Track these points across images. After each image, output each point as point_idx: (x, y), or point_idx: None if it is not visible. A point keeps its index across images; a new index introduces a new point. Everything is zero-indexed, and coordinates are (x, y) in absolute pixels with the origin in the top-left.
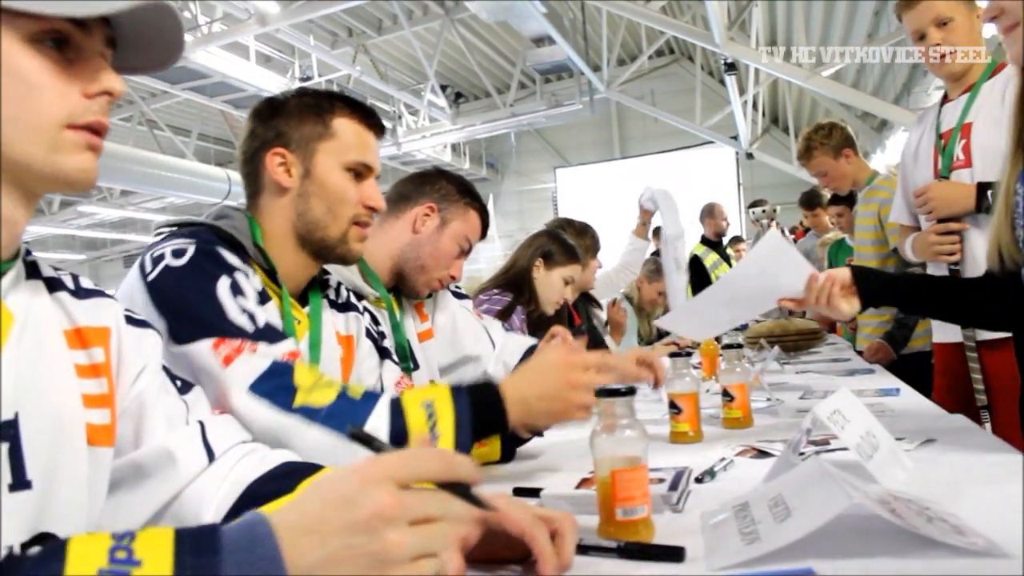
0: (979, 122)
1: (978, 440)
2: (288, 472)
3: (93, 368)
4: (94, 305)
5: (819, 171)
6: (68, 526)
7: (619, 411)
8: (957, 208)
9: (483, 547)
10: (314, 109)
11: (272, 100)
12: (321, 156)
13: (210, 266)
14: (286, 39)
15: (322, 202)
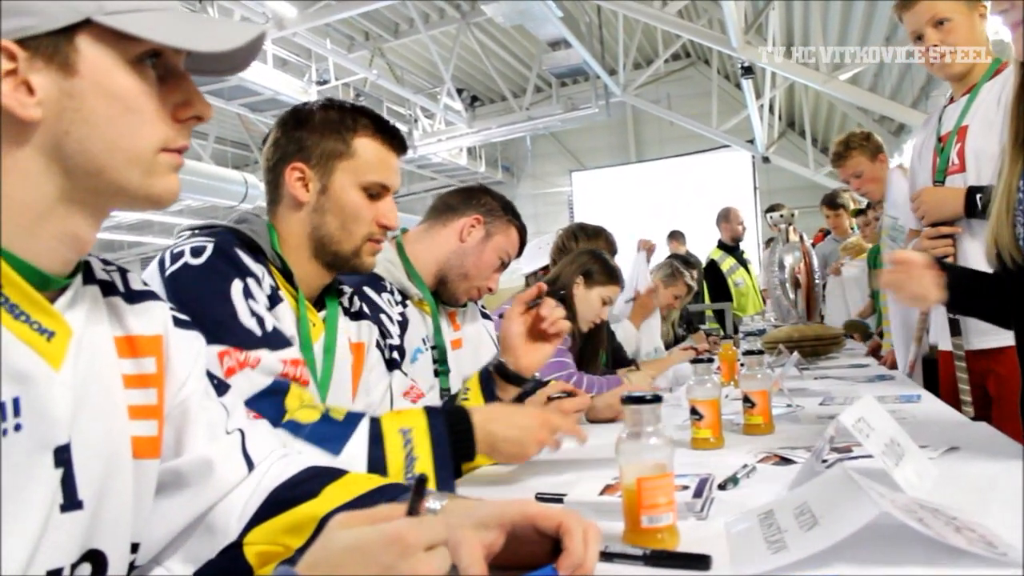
0: (974, 125)
1: (1003, 448)
2: (311, 477)
3: (142, 378)
4: (145, 310)
5: (854, 172)
6: (115, 540)
7: (645, 418)
8: (947, 213)
9: (507, 553)
10: (337, 126)
11: (297, 112)
12: (339, 174)
13: (226, 267)
14: (303, 43)
15: (336, 219)
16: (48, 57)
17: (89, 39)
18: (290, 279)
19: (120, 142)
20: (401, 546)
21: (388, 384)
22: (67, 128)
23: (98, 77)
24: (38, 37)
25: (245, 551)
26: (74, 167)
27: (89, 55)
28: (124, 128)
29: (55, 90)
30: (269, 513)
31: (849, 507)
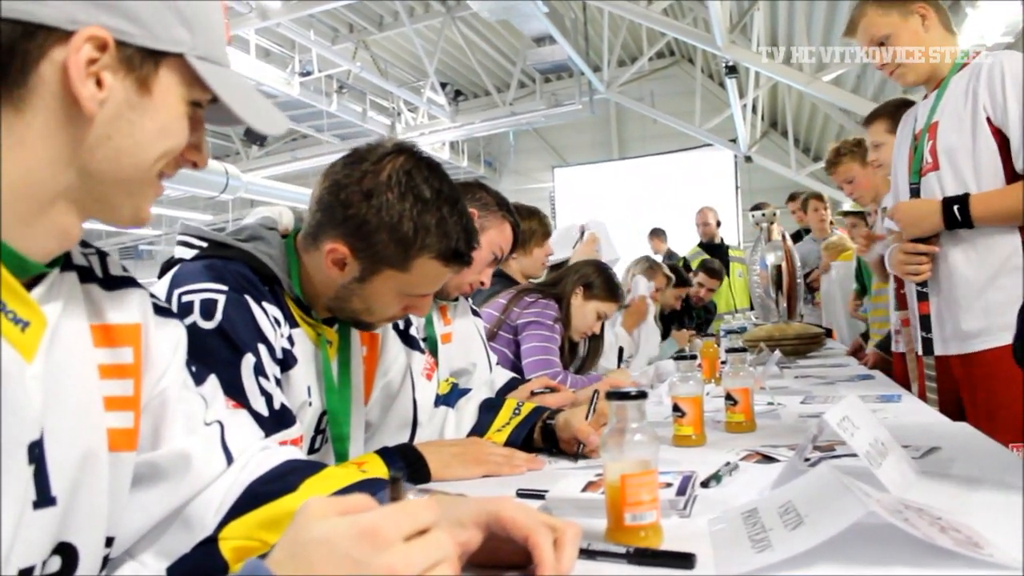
0: (944, 120)
1: (984, 448)
2: (290, 471)
3: (119, 369)
4: (123, 297)
5: (845, 178)
6: (88, 534)
7: (630, 415)
8: (925, 228)
9: (487, 551)
10: (405, 240)
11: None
12: (383, 280)
13: (237, 335)
14: (286, 34)
15: (364, 304)
16: (131, 67)
17: (171, 69)
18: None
19: (146, 163)
20: (374, 539)
21: (407, 364)
22: (111, 134)
23: (164, 104)
24: (131, 46)
25: (220, 546)
26: (96, 171)
27: (165, 82)
28: (155, 153)
29: (122, 97)
30: (246, 507)
31: (835, 506)
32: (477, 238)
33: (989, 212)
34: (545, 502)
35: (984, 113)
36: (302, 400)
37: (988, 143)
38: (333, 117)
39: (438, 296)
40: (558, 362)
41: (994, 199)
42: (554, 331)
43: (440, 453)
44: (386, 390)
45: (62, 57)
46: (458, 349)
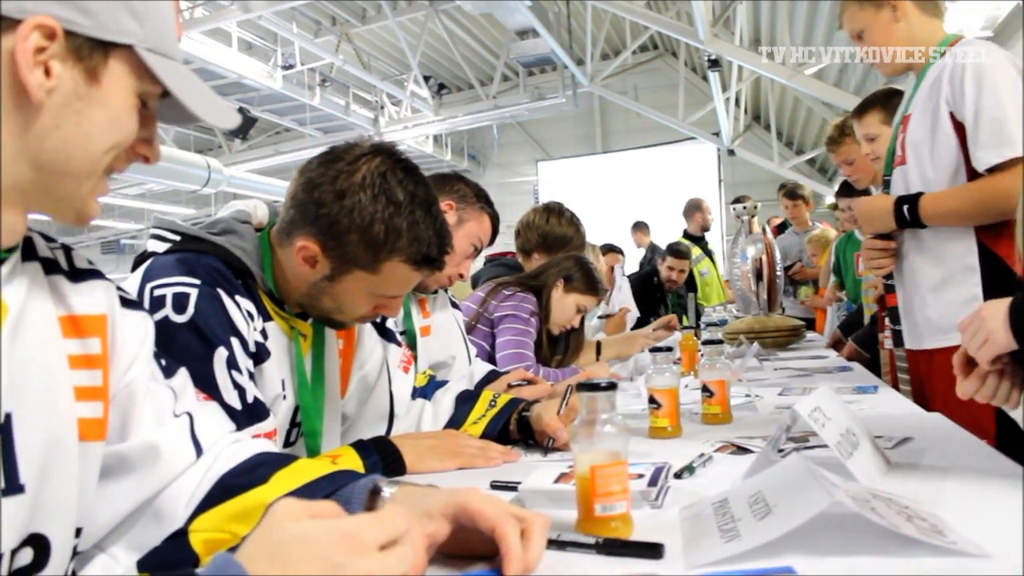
0: (915, 112)
1: (955, 438)
2: (261, 463)
3: (87, 359)
4: (89, 289)
5: (846, 159)
6: (59, 525)
7: (600, 406)
8: (878, 226)
9: (457, 541)
10: (376, 243)
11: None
12: (353, 280)
13: (210, 329)
14: (268, 26)
15: (334, 303)
16: (79, 56)
17: (121, 60)
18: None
19: (95, 155)
20: (354, 544)
21: (383, 356)
22: (60, 123)
23: (113, 95)
24: (80, 35)
25: (190, 538)
26: (45, 161)
27: (114, 73)
28: (104, 144)
29: (70, 86)
30: (217, 500)
31: (802, 496)
32: (450, 242)
33: (938, 213)
34: (518, 493)
35: (947, 107)
36: (276, 394)
37: (949, 138)
38: (316, 110)
39: (417, 289)
40: (532, 356)
41: (944, 200)
42: (529, 325)
43: (415, 446)
44: (363, 383)
45: (10, 45)
46: (437, 342)
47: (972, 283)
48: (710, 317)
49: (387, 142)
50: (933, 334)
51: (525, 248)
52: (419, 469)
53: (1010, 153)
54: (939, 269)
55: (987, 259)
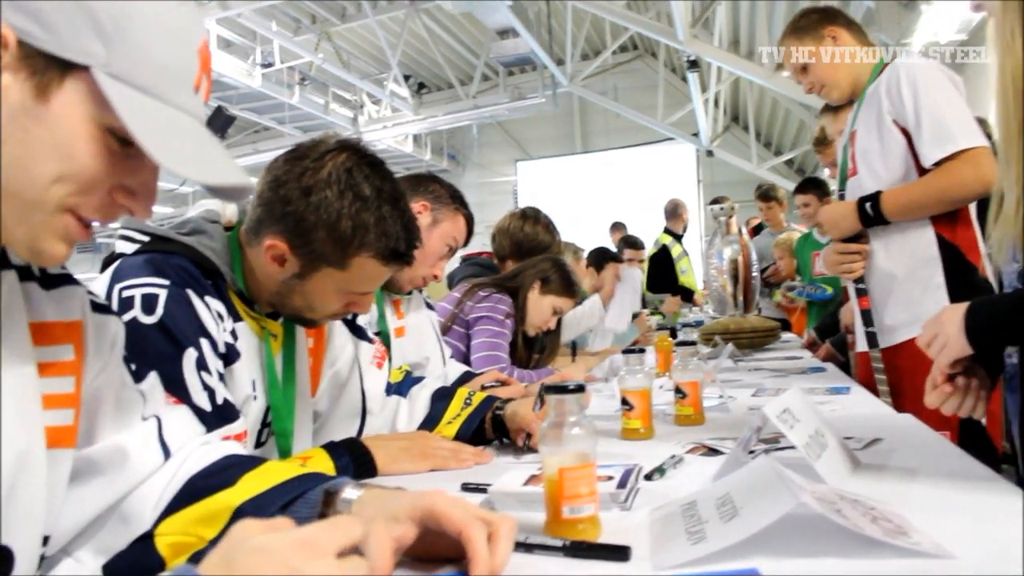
0: (860, 128)
1: (923, 439)
2: (229, 465)
3: (58, 366)
4: (62, 296)
5: (833, 160)
6: (25, 535)
7: (568, 408)
8: (845, 228)
9: (424, 544)
10: (343, 240)
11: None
12: (322, 278)
13: (179, 330)
14: (248, 24)
15: (304, 302)
16: (33, 72)
17: (81, 83)
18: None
19: (38, 182)
20: (311, 549)
21: (354, 353)
22: (4, 138)
23: (62, 118)
24: (37, 49)
25: (156, 542)
26: None
27: (68, 95)
28: (48, 172)
29: (17, 99)
30: (184, 502)
31: (769, 498)
32: (419, 236)
33: (899, 206)
34: (488, 495)
35: (889, 116)
36: (246, 394)
37: (897, 143)
38: (295, 109)
39: (391, 290)
40: (506, 357)
41: (903, 193)
42: (504, 326)
43: (387, 447)
44: (334, 380)
45: None
46: (411, 343)
47: (935, 273)
48: (686, 318)
49: (352, 138)
50: (900, 328)
51: (499, 254)
52: (391, 471)
53: (952, 147)
54: (903, 264)
55: (946, 249)
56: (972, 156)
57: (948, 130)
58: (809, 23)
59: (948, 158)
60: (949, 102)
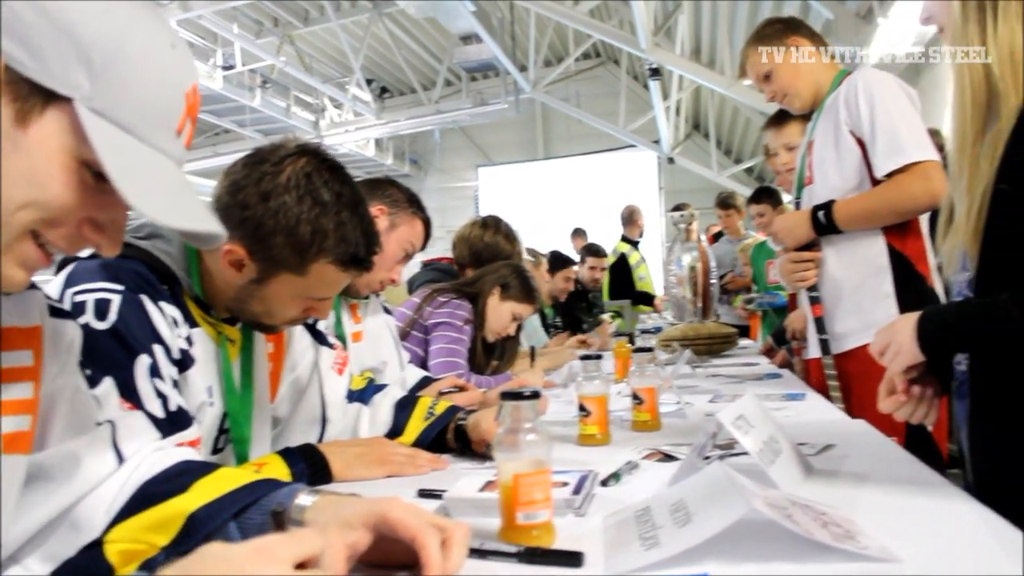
0: (818, 138)
1: (875, 445)
2: (183, 472)
3: (16, 372)
4: (21, 300)
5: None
6: None
7: (524, 414)
8: (799, 237)
9: (378, 551)
10: (301, 246)
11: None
12: (281, 283)
13: (132, 336)
14: (209, 26)
15: (263, 307)
16: (15, 97)
17: (62, 114)
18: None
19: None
20: (269, 556)
21: (314, 359)
22: None
23: (38, 146)
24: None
25: (106, 549)
26: None
27: (48, 125)
28: (17, 197)
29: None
30: (136, 509)
31: (721, 504)
32: (378, 242)
33: (850, 215)
34: (443, 501)
35: (846, 127)
36: (201, 401)
37: (852, 154)
38: (256, 112)
39: (349, 294)
40: (464, 363)
41: (856, 202)
42: (463, 332)
43: (343, 454)
44: (295, 385)
45: None
46: (368, 347)
47: (885, 281)
48: (644, 324)
49: (313, 142)
50: (850, 334)
51: (459, 262)
52: (347, 477)
53: (904, 159)
54: (855, 272)
55: (896, 259)
56: (922, 169)
57: (901, 143)
58: (773, 32)
59: (900, 170)
60: (904, 115)
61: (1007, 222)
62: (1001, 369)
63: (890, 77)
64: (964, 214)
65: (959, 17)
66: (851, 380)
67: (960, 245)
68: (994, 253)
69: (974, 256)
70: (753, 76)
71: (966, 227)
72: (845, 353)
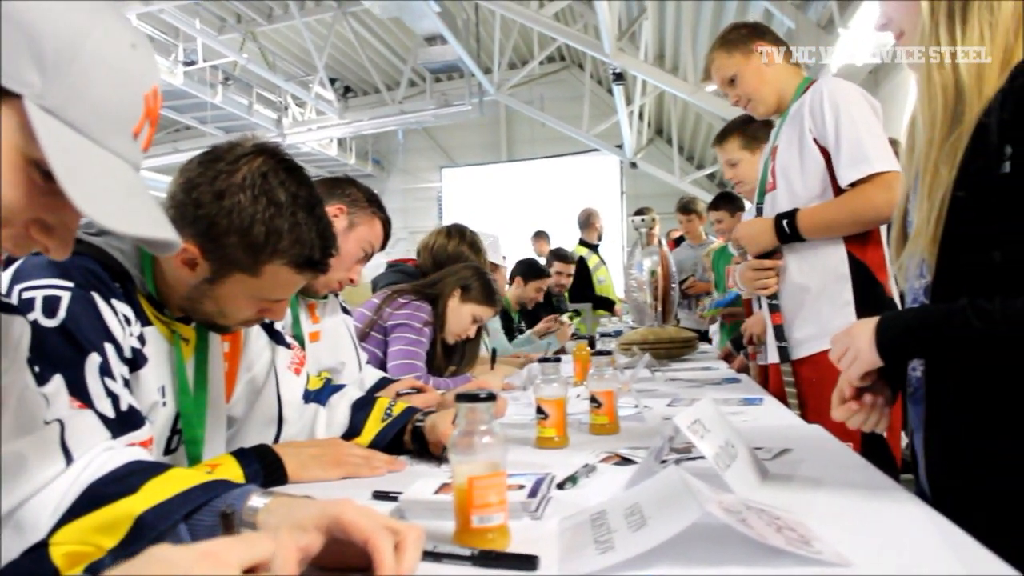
0: (782, 144)
1: (831, 450)
2: (132, 472)
3: None
4: None
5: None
6: None
7: (478, 417)
8: (763, 245)
9: (331, 554)
10: (254, 248)
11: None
12: (234, 283)
13: (82, 334)
14: (171, 20)
15: (216, 307)
16: None
17: (9, 110)
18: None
19: None
20: (214, 561)
21: (271, 359)
22: None
23: None
24: None
25: (51, 551)
26: None
27: None
28: None
29: None
30: (83, 510)
31: (676, 508)
32: (335, 244)
33: (814, 224)
34: (399, 504)
35: (810, 135)
36: (153, 401)
37: (816, 162)
38: (218, 109)
39: (307, 294)
40: (422, 365)
41: (819, 212)
42: (422, 334)
43: (298, 455)
44: (251, 385)
45: None
46: (327, 348)
47: (844, 290)
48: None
49: (271, 142)
50: (808, 341)
51: (423, 271)
52: (301, 478)
53: (868, 169)
54: (815, 280)
55: (856, 267)
56: (885, 180)
57: (865, 153)
58: (739, 37)
59: (863, 180)
60: (867, 125)
61: (965, 230)
62: (956, 375)
63: (854, 87)
64: (924, 220)
65: (927, 19)
66: (807, 386)
67: (919, 252)
68: (951, 260)
69: (932, 263)
70: (718, 80)
71: (925, 233)
72: (802, 359)
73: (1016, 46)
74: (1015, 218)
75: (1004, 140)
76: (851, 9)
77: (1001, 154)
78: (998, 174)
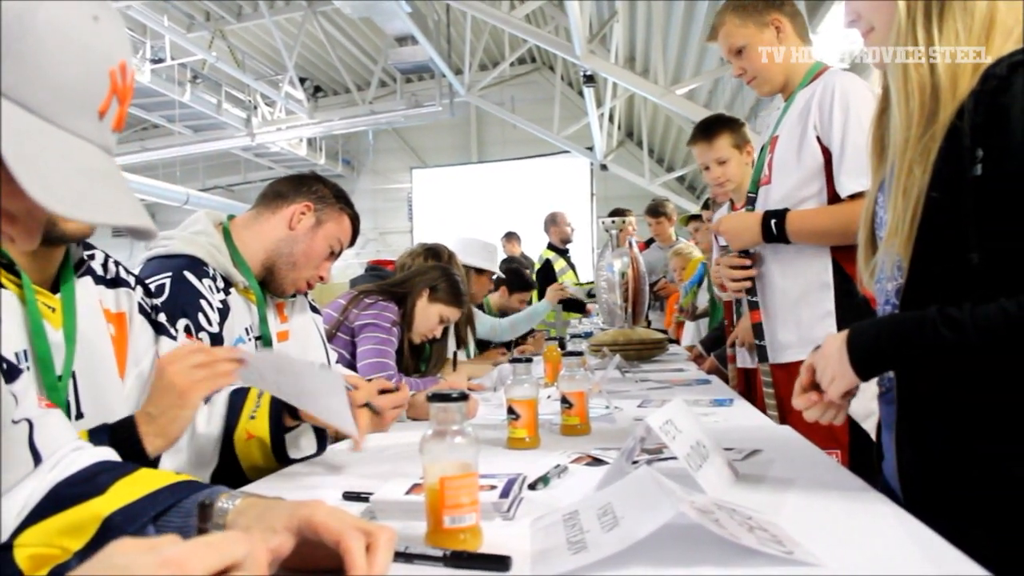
0: (783, 134)
1: (802, 450)
2: (102, 471)
3: None
4: None
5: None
6: None
7: (450, 417)
8: (747, 240)
9: (301, 555)
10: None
11: None
12: None
13: None
14: (138, 17)
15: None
16: None
17: None
18: (11, 267)
19: None
20: (177, 569)
21: (156, 352)
22: None
23: None
24: None
25: (15, 554)
26: None
27: None
28: None
29: None
30: (48, 511)
31: (649, 508)
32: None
33: (803, 229)
34: (370, 504)
35: (814, 132)
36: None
37: (815, 161)
38: (186, 108)
39: (275, 292)
40: (393, 365)
41: (809, 218)
42: (391, 334)
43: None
44: (139, 379)
45: None
46: (295, 347)
47: (826, 299)
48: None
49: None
50: (792, 347)
51: None
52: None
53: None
54: (797, 285)
55: (840, 276)
56: None
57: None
58: (755, 5)
59: (861, 194)
60: None
61: (940, 231)
62: (928, 376)
63: (866, 86)
64: (899, 219)
65: (904, 17)
66: (786, 392)
67: (894, 251)
68: (926, 262)
69: (907, 264)
70: (724, 47)
71: (900, 232)
72: (783, 365)
73: (989, 48)
74: (988, 221)
75: (976, 143)
76: (821, 11)
77: (973, 157)
78: (971, 176)
